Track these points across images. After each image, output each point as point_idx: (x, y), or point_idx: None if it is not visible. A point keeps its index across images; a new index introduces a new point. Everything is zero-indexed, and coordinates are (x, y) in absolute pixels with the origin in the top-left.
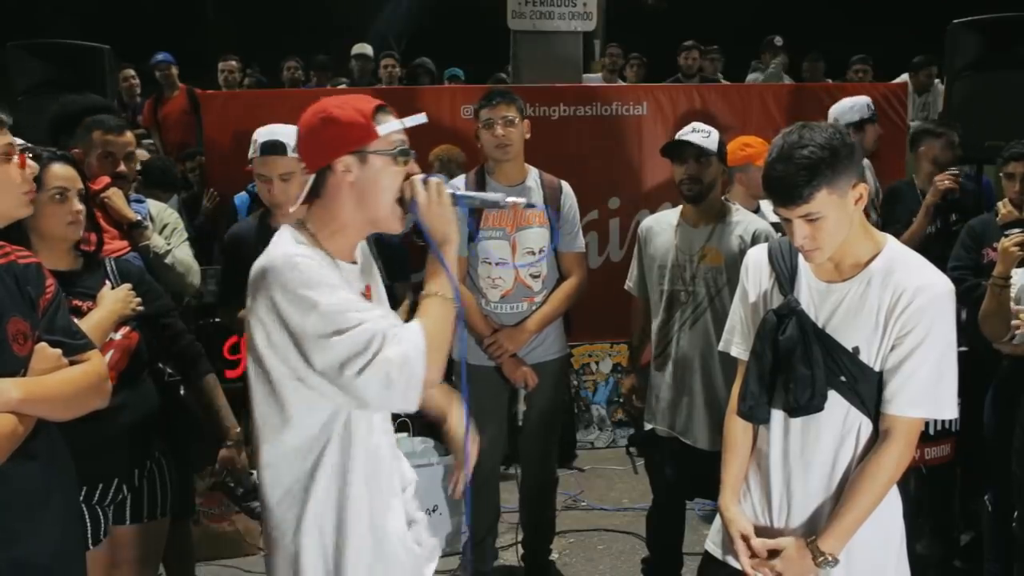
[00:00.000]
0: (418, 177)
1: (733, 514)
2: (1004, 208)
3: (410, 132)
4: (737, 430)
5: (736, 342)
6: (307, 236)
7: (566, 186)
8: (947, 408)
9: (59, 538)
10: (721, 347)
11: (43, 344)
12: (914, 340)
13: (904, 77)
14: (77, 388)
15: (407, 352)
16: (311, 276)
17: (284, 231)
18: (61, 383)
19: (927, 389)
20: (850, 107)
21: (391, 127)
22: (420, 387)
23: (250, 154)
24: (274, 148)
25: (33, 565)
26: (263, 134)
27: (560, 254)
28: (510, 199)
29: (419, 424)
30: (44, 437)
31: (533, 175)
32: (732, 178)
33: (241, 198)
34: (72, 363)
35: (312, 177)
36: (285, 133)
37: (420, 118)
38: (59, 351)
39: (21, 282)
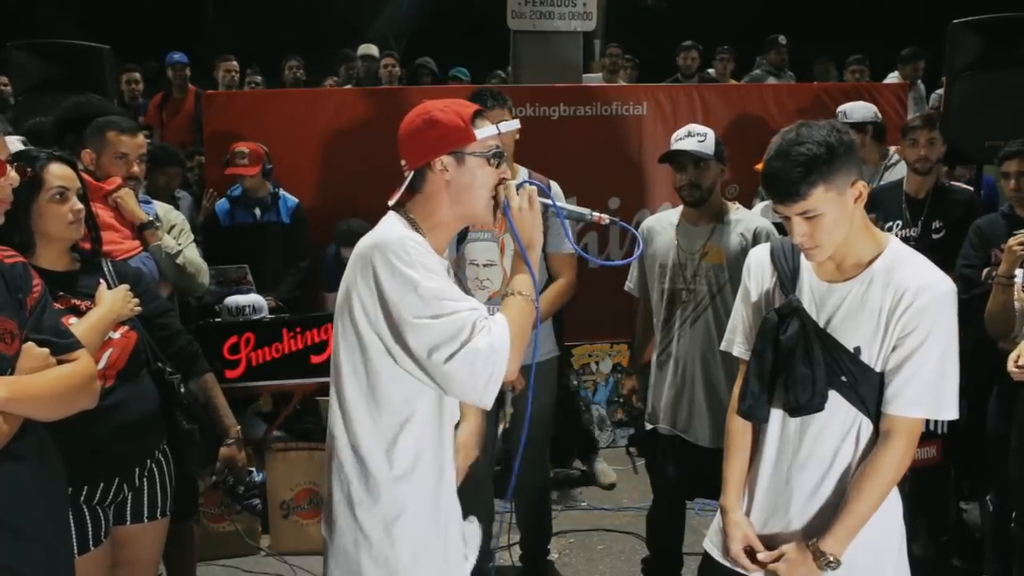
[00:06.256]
0: (514, 182)
1: (737, 518)
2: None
3: None
4: (738, 429)
5: (738, 342)
6: (412, 224)
7: (555, 186)
8: (948, 408)
9: (46, 541)
10: (723, 347)
11: (30, 343)
12: (915, 340)
13: (895, 74)
14: (64, 387)
15: (494, 344)
16: (417, 258)
17: (391, 216)
18: (47, 382)
19: (928, 389)
20: (855, 108)
21: (488, 132)
22: (500, 381)
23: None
24: None
25: (19, 569)
26: None
27: (549, 255)
28: (595, 214)
29: None
30: (31, 438)
31: (522, 175)
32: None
33: (221, 205)
34: (60, 363)
35: (411, 174)
36: None
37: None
38: (46, 350)
39: (8, 281)
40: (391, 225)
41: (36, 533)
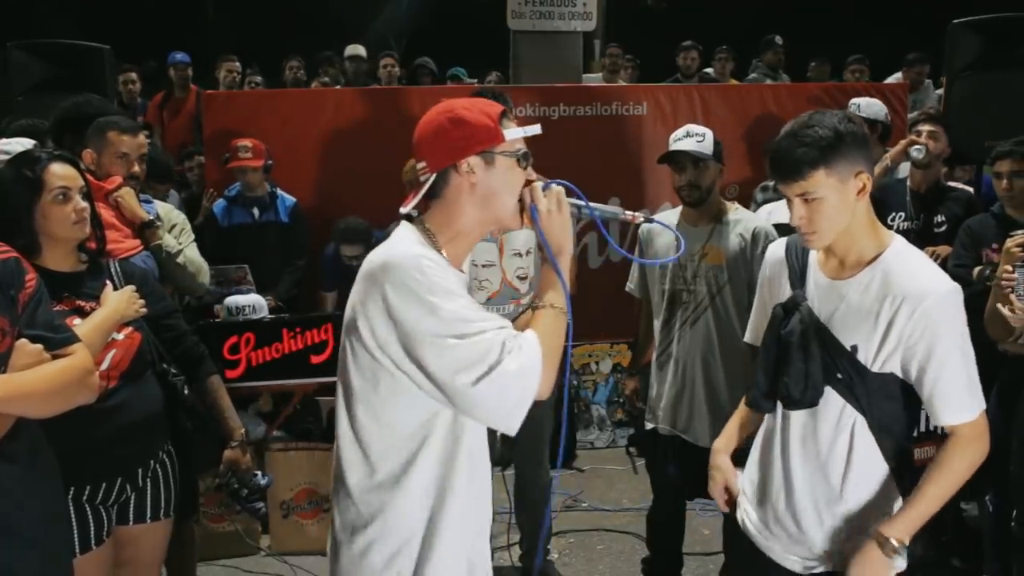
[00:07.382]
0: (540, 183)
1: (721, 463)
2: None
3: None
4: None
5: (751, 331)
6: (428, 237)
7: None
8: (980, 405)
9: (41, 541)
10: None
11: (23, 340)
12: (927, 346)
13: (898, 76)
14: (59, 383)
15: (525, 366)
16: (436, 281)
17: (405, 227)
18: (41, 379)
19: (960, 392)
20: (869, 104)
21: (516, 132)
22: (530, 403)
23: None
24: None
25: (14, 569)
26: None
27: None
28: (629, 213)
29: None
30: (25, 439)
31: None
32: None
33: (219, 205)
34: (56, 357)
35: (432, 177)
36: None
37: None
38: (40, 346)
39: (0, 277)
40: (403, 241)
41: (30, 534)
